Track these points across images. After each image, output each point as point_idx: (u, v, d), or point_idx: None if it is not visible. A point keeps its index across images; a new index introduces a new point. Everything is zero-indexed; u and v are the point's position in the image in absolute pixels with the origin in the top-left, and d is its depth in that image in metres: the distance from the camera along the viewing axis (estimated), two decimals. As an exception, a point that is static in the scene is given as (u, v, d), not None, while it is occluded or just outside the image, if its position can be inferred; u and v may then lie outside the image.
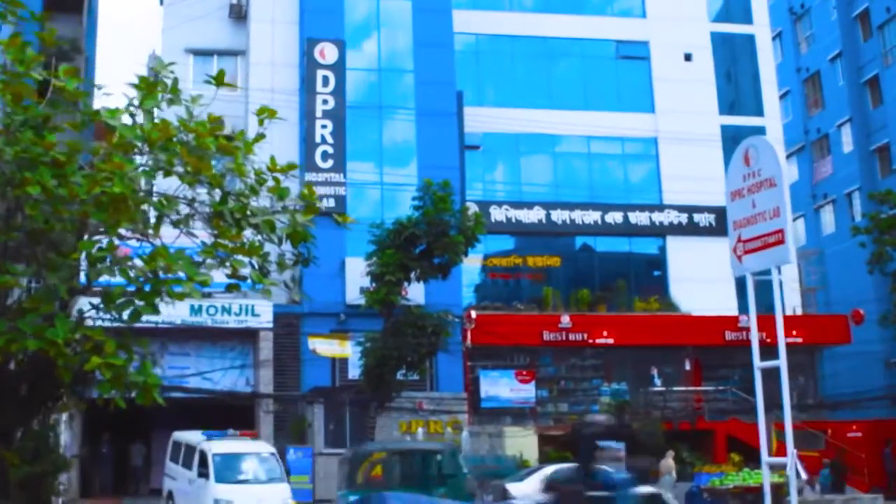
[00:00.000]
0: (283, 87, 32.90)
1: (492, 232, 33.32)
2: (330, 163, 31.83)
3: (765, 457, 12.48)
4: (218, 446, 22.72)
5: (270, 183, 9.77)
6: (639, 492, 22.94)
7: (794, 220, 49.09)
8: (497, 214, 34.32)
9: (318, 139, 31.93)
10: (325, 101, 32.33)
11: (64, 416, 26.38)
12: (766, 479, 12.60)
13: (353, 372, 28.65)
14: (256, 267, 9.98)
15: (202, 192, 9.67)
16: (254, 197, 9.75)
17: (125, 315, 9.05)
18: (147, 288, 9.15)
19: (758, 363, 12.96)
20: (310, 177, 31.50)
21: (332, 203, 31.54)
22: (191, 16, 34.52)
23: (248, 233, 9.73)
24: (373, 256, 26.68)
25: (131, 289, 9.18)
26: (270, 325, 29.16)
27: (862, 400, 33.81)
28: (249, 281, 9.91)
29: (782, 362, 12.47)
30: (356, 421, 28.63)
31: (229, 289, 10.08)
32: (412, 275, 26.91)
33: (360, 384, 28.02)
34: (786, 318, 34.91)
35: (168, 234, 9.58)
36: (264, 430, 28.84)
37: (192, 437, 23.73)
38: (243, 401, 30.12)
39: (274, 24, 34.28)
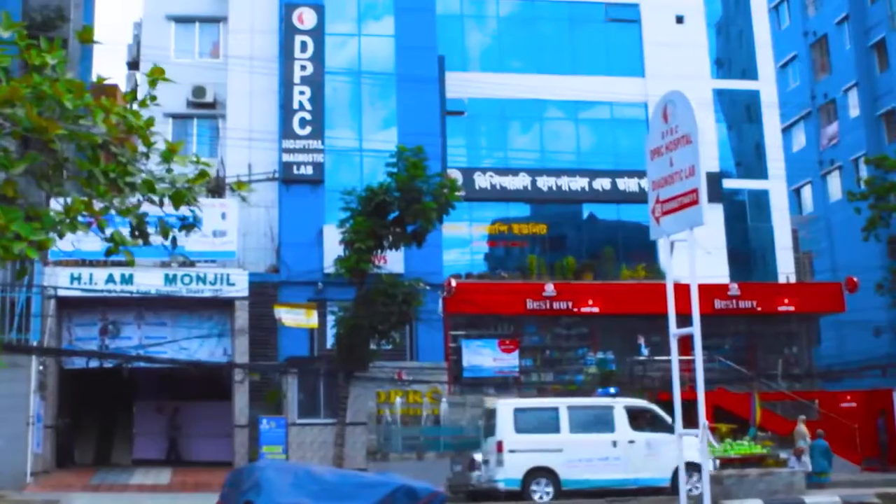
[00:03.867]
0: (263, 53, 32.36)
1: (476, 199, 32.78)
2: (308, 130, 31.23)
3: (679, 428, 11.99)
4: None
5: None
6: None
7: (802, 186, 48.17)
8: (481, 181, 33.60)
9: (296, 106, 31.31)
10: (303, 67, 31.70)
11: (33, 386, 26.29)
12: (680, 452, 12.10)
13: (332, 342, 28.31)
14: (133, 226, 9.63)
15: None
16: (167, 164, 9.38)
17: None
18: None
19: (673, 330, 12.48)
20: (287, 144, 31.05)
21: (309, 170, 31.10)
22: (171, -19, 34.06)
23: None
24: (345, 224, 26.34)
25: None
26: (246, 295, 28.74)
27: (849, 370, 33.10)
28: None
29: (696, 330, 12.00)
30: (330, 391, 28.27)
31: (108, 253, 9.72)
32: (385, 242, 26.53)
33: (333, 354, 27.69)
34: (778, 286, 34.68)
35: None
36: (239, 400, 28.54)
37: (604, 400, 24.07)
38: (219, 370, 29.83)
39: (253, -11, 33.65)
